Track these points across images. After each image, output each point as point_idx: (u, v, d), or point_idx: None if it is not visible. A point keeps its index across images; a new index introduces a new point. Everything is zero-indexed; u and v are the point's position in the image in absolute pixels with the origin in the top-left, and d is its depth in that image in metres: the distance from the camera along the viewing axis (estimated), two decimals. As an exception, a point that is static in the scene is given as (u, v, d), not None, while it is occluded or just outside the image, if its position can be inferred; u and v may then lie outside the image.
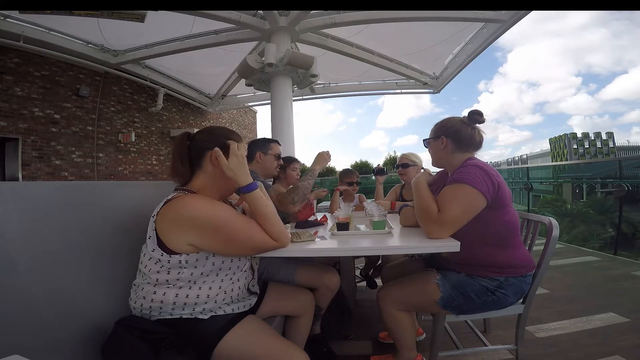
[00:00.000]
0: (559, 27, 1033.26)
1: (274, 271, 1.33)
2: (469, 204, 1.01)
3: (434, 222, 1.03)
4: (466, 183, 1.02)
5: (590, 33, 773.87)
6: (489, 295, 1.08)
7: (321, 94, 7.12)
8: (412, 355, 1.23)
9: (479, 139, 1.17)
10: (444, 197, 1.06)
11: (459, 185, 1.03)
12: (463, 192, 1.02)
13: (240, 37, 4.71)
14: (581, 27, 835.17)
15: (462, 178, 1.04)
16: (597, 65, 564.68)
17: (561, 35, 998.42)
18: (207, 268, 0.86)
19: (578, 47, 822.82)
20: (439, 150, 1.20)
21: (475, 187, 1.00)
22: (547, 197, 7.27)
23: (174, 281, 0.83)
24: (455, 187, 1.04)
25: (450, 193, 1.05)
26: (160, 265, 0.82)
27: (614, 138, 53.64)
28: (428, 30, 4.74)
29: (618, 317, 1.75)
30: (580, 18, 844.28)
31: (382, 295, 1.20)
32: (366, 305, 2.12)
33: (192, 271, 0.84)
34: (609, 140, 53.35)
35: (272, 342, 0.88)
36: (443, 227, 1.02)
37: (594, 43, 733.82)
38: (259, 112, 13.26)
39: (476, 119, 1.15)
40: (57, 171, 5.55)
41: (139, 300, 0.84)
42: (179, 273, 0.83)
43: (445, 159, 1.20)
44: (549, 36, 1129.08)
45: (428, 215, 1.05)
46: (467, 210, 1.02)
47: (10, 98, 4.96)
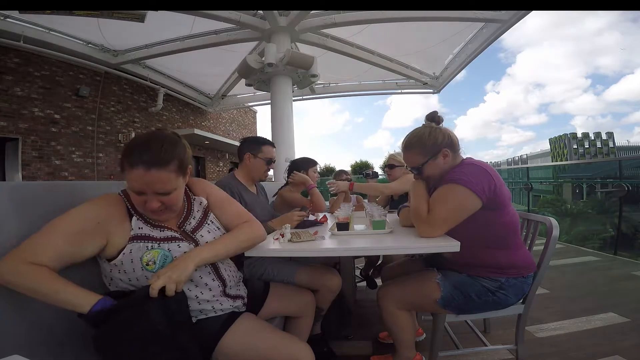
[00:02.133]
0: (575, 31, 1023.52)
1: (274, 272, 1.33)
2: (458, 204, 1.02)
3: (422, 221, 1.06)
4: (459, 184, 1.01)
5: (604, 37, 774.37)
6: (490, 296, 1.08)
7: (321, 94, 7.13)
8: (411, 355, 1.23)
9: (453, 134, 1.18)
10: (434, 198, 1.08)
11: (452, 186, 1.04)
12: (454, 193, 1.02)
13: (240, 37, 4.72)
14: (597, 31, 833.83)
15: (455, 178, 1.03)
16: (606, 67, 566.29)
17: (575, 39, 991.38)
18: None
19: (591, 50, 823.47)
20: (442, 165, 1.14)
21: (468, 188, 1.00)
22: (547, 197, 7.27)
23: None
24: (446, 188, 1.05)
25: (440, 194, 1.06)
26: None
27: (614, 138, 53.66)
28: (428, 30, 4.75)
29: (618, 317, 1.75)
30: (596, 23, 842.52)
31: (382, 294, 1.20)
32: (366, 305, 2.12)
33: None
34: (609, 140, 53.33)
35: (275, 337, 0.88)
36: (431, 227, 1.04)
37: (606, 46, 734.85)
38: (259, 112, 13.28)
39: (438, 119, 1.19)
40: (57, 171, 5.55)
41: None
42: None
43: (447, 169, 1.16)
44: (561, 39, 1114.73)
45: (418, 215, 1.08)
46: (457, 210, 1.02)
47: (10, 98, 4.96)
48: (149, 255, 0.78)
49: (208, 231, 0.92)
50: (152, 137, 0.79)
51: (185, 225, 0.90)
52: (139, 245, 0.79)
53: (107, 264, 0.79)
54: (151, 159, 0.74)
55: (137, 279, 0.78)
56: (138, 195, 0.77)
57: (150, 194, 0.76)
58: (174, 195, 0.81)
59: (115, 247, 0.78)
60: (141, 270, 0.78)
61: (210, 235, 0.92)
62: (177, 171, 0.79)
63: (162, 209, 0.80)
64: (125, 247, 0.78)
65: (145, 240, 0.80)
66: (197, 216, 0.94)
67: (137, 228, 0.81)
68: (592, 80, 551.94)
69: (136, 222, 0.82)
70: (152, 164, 0.74)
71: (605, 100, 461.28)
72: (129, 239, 0.79)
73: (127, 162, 0.74)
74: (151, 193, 0.76)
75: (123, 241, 0.79)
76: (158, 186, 0.76)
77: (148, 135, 0.79)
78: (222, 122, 10.46)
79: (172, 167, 0.77)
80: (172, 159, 0.78)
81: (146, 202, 0.77)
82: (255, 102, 8.25)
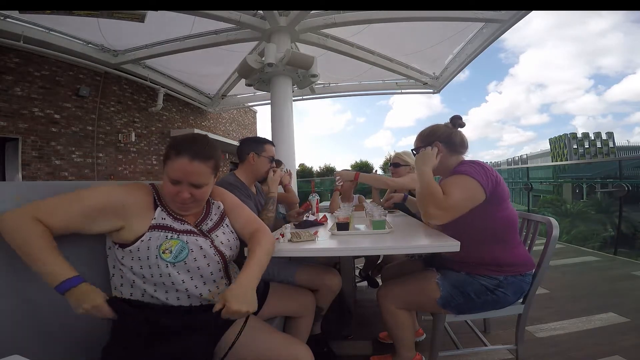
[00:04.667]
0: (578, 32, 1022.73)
1: (274, 272, 1.33)
2: (471, 192, 1.03)
3: (437, 205, 1.02)
4: (467, 174, 1.05)
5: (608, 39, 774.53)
6: (489, 295, 1.08)
7: (321, 94, 7.12)
8: (410, 355, 1.23)
9: (467, 141, 1.23)
10: (447, 184, 1.06)
11: (461, 176, 1.06)
12: (466, 181, 1.04)
13: (240, 37, 4.71)
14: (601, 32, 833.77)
15: (462, 171, 1.07)
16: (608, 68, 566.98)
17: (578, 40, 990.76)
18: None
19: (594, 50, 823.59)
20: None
21: (476, 179, 1.03)
22: (547, 197, 7.27)
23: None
24: (457, 177, 1.07)
25: (453, 182, 1.07)
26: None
27: (614, 138, 53.62)
28: (428, 30, 4.74)
29: (618, 317, 1.75)
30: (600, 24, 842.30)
31: (382, 293, 1.20)
32: (366, 305, 2.12)
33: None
34: (609, 140, 53.29)
35: (275, 337, 0.89)
36: (446, 211, 1.01)
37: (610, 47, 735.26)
38: (259, 112, 13.28)
39: (459, 123, 1.23)
40: (57, 171, 5.55)
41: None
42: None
43: (439, 164, 1.21)
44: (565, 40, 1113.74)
45: (433, 198, 1.03)
46: (469, 198, 1.03)
47: (10, 98, 4.95)
48: (167, 244, 0.81)
49: (223, 232, 0.95)
50: (198, 136, 0.89)
51: (202, 225, 0.93)
52: (159, 234, 0.82)
53: (120, 251, 0.81)
54: (197, 151, 0.83)
55: (150, 266, 0.80)
56: (174, 184, 0.83)
57: (185, 185, 0.83)
58: (204, 190, 0.88)
59: (133, 233, 0.81)
60: (155, 259, 0.80)
61: (224, 237, 0.95)
62: (213, 169, 0.88)
63: (191, 202, 0.86)
64: (144, 235, 0.81)
65: (166, 230, 0.84)
66: (215, 219, 0.97)
67: (160, 218, 0.85)
68: (595, 80, 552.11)
69: (160, 212, 0.86)
70: (196, 156, 0.83)
71: (607, 100, 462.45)
72: (150, 228, 0.82)
73: (174, 151, 0.83)
74: (186, 184, 0.83)
75: (142, 229, 0.82)
76: (194, 177, 0.84)
77: (195, 134, 0.90)
78: (222, 122, 10.46)
79: (210, 163, 0.87)
80: (212, 157, 0.87)
81: (178, 193, 0.83)
82: (255, 102, 8.23)
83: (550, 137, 60.35)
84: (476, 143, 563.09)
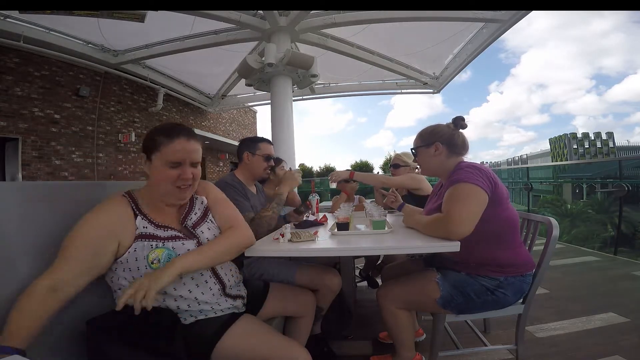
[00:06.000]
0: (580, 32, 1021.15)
1: (275, 272, 1.33)
2: (474, 198, 1.02)
3: (444, 226, 1.01)
4: (465, 181, 1.04)
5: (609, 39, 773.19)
6: (489, 295, 1.08)
7: (321, 94, 7.12)
8: (410, 355, 1.23)
9: (468, 142, 1.23)
10: (447, 200, 1.06)
11: (460, 185, 1.05)
12: (466, 190, 1.04)
13: (240, 37, 4.71)
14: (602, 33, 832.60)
15: (460, 178, 1.06)
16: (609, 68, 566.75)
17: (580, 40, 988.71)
18: None
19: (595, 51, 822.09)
20: (430, 157, 1.22)
21: (475, 184, 1.02)
22: (547, 197, 7.27)
23: None
24: (456, 188, 1.06)
25: (453, 195, 1.05)
26: None
27: (614, 138, 53.60)
28: (428, 30, 4.74)
29: (618, 317, 1.75)
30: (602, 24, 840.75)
31: (382, 293, 1.20)
32: (366, 305, 2.12)
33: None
34: (609, 140, 53.28)
35: (273, 340, 0.88)
36: (458, 225, 0.99)
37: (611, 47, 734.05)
38: (259, 112, 13.28)
39: (462, 124, 1.22)
40: (57, 171, 5.55)
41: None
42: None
43: (438, 165, 1.22)
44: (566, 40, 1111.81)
45: (437, 224, 1.05)
46: (474, 203, 1.02)
47: (10, 98, 4.96)
48: (154, 254, 0.80)
49: (208, 228, 0.94)
50: (176, 123, 0.90)
51: (186, 220, 0.92)
52: (144, 244, 0.81)
53: (114, 262, 0.80)
54: (189, 131, 0.87)
55: (142, 276, 0.78)
56: (174, 168, 0.84)
57: (186, 165, 0.85)
58: (199, 169, 0.90)
59: (123, 246, 0.80)
60: (145, 269, 0.79)
61: (210, 233, 0.93)
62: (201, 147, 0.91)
63: (190, 184, 0.88)
64: (131, 246, 0.80)
65: (150, 239, 0.82)
66: (199, 213, 0.96)
67: (141, 227, 0.83)
68: (596, 81, 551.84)
69: (141, 221, 0.84)
70: (190, 135, 0.87)
71: (607, 100, 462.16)
72: (135, 238, 0.81)
73: (164, 137, 0.83)
74: (188, 163, 0.86)
75: (130, 240, 0.81)
76: (195, 155, 0.87)
77: (172, 122, 0.94)
78: (222, 122, 10.46)
79: (200, 142, 0.90)
80: (197, 136, 0.91)
81: (180, 175, 0.84)
82: (255, 102, 8.23)
83: (550, 137, 60.37)
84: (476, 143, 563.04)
